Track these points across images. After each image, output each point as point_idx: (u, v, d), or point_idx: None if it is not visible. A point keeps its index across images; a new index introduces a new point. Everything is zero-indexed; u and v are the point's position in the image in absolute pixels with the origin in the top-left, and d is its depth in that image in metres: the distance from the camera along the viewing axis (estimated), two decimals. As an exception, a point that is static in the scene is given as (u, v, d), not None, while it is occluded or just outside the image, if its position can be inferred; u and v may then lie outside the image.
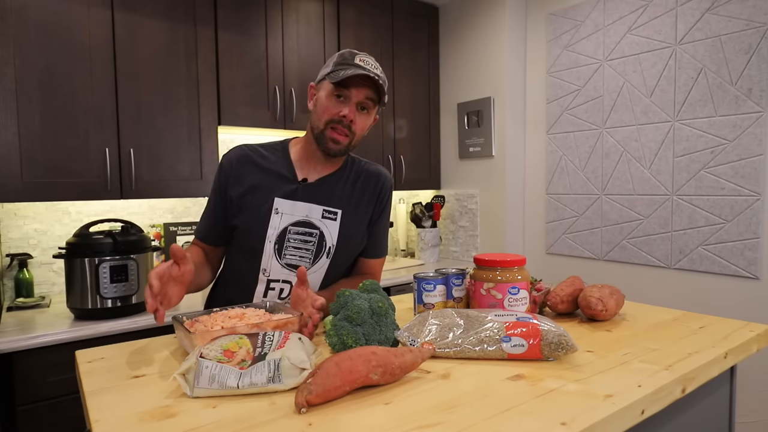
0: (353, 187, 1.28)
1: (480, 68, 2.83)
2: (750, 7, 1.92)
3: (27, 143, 1.82)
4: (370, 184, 1.30)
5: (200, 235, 1.28)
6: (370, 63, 1.18)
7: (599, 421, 0.67)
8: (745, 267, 1.97)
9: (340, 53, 1.20)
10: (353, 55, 1.18)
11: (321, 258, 1.24)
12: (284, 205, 1.22)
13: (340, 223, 1.25)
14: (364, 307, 0.92)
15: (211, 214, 1.27)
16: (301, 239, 1.22)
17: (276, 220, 1.21)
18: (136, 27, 2.03)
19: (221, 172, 1.25)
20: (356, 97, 1.17)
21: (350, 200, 1.27)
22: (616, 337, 1.02)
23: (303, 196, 1.23)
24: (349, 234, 1.26)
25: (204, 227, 1.28)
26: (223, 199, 1.24)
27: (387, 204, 1.34)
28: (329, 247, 1.24)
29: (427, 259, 2.97)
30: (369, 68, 1.15)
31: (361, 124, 1.21)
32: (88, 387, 0.81)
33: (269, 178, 1.24)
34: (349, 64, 1.16)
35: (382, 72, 1.21)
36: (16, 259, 2.03)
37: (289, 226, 1.21)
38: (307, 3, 2.51)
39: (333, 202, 1.25)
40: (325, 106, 1.18)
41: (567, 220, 2.60)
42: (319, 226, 1.23)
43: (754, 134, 1.93)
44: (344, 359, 0.74)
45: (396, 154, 2.90)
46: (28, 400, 1.62)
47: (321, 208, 1.24)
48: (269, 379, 0.76)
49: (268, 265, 1.22)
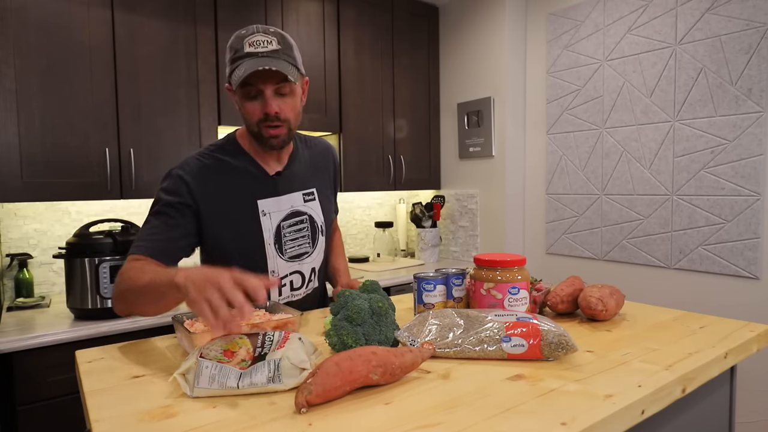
0: (313, 164, 1.33)
1: (480, 68, 2.83)
2: (750, 7, 1.92)
3: (27, 143, 1.82)
4: (323, 157, 1.37)
5: (150, 251, 1.08)
6: (262, 42, 1.07)
7: (599, 421, 0.67)
8: (745, 267, 1.97)
9: (231, 44, 1.10)
10: (241, 40, 1.08)
11: (318, 238, 1.29)
12: (268, 204, 1.20)
13: (319, 200, 1.30)
14: (364, 307, 0.92)
15: (165, 230, 1.11)
16: (295, 229, 1.24)
17: (267, 222, 1.19)
18: (136, 27, 2.03)
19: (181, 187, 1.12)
20: (267, 88, 1.09)
21: (316, 177, 1.32)
22: (616, 337, 1.02)
23: (282, 189, 1.23)
24: (328, 207, 1.34)
25: (155, 244, 1.09)
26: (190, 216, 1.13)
27: (338, 172, 1.44)
28: (320, 225, 1.29)
29: (427, 259, 2.97)
30: (260, 50, 1.06)
31: (289, 107, 1.14)
32: (88, 387, 0.81)
33: (241, 182, 1.18)
34: (240, 57, 1.07)
35: (279, 38, 1.09)
36: (16, 259, 2.03)
37: (280, 222, 1.22)
38: (307, 3, 2.51)
39: (307, 184, 1.28)
40: (246, 109, 1.13)
41: (567, 220, 2.60)
42: (305, 211, 1.26)
43: (754, 134, 1.93)
44: (344, 359, 0.74)
45: (396, 154, 2.90)
46: (28, 400, 1.62)
47: (300, 194, 1.26)
48: (269, 379, 0.76)
49: (275, 265, 1.22)
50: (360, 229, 3.14)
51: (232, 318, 0.77)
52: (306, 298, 1.32)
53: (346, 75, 2.67)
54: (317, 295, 1.39)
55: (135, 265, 1.04)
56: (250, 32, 1.09)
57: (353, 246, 3.10)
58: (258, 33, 1.08)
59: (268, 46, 1.07)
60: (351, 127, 2.70)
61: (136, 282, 0.97)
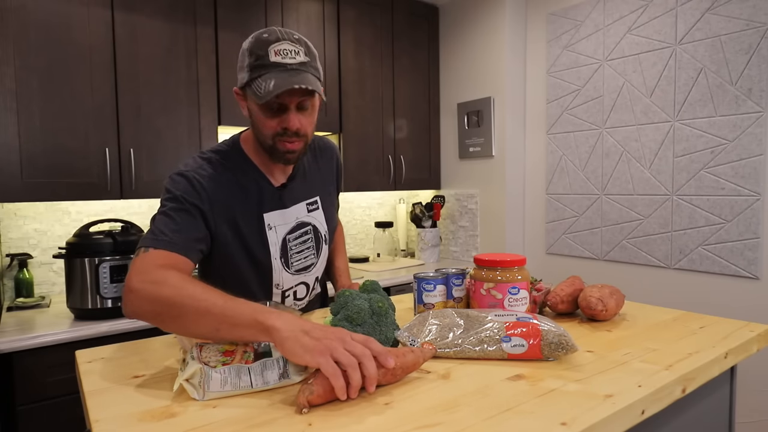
0: (317, 168, 1.28)
1: (480, 68, 2.83)
2: (750, 7, 1.92)
3: (27, 143, 1.82)
4: (325, 159, 1.31)
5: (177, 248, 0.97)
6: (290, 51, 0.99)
7: (599, 421, 0.67)
8: (745, 267, 1.97)
9: (250, 47, 1.01)
10: (266, 46, 0.99)
11: (322, 248, 1.26)
12: (274, 217, 1.16)
13: (322, 208, 1.26)
14: (364, 307, 0.92)
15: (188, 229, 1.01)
16: (300, 242, 1.21)
17: (273, 236, 1.15)
18: (136, 27, 2.02)
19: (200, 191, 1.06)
20: (292, 102, 1.03)
21: (321, 182, 1.28)
22: (616, 337, 1.02)
23: (287, 202, 1.18)
24: (331, 214, 1.30)
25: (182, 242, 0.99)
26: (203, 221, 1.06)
27: (341, 170, 1.39)
28: (324, 234, 1.26)
29: (427, 259, 2.97)
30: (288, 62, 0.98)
31: (309, 122, 1.08)
32: (88, 387, 0.81)
33: (248, 194, 1.13)
34: (265, 66, 0.99)
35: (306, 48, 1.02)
36: (16, 259, 2.03)
37: (286, 235, 1.18)
38: (307, 3, 2.50)
39: (311, 193, 1.24)
40: (263, 122, 1.05)
41: (567, 220, 2.60)
42: (309, 221, 1.22)
43: (754, 134, 1.93)
44: (344, 359, 0.74)
45: (396, 154, 2.90)
46: (28, 400, 1.62)
47: (304, 204, 1.22)
48: (280, 376, 0.78)
49: (280, 279, 1.18)
50: (360, 229, 3.14)
51: (358, 386, 0.71)
52: (308, 306, 1.31)
53: (346, 75, 2.67)
54: (318, 300, 1.39)
55: (181, 276, 0.89)
56: (274, 38, 1.00)
57: (353, 246, 3.10)
58: (284, 41, 1.00)
59: (296, 57, 1.00)
60: (351, 127, 2.70)
61: (194, 298, 0.83)
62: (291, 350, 0.74)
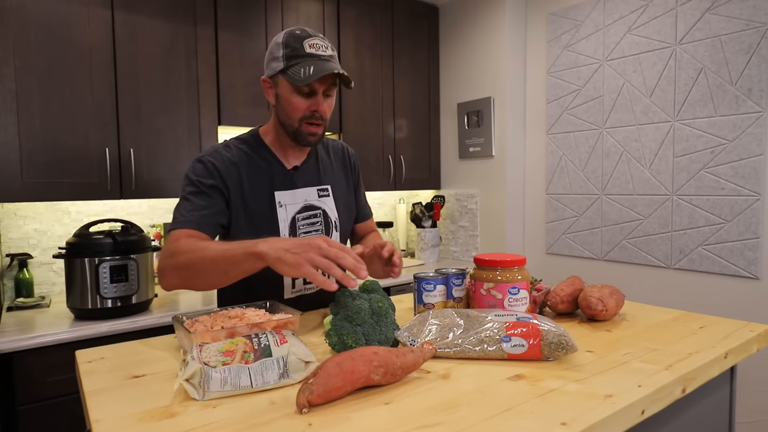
0: (329, 162, 1.37)
1: (480, 68, 2.83)
2: (750, 7, 1.92)
3: (27, 143, 1.82)
4: (339, 156, 1.40)
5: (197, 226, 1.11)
6: (321, 46, 1.14)
7: (599, 421, 0.67)
8: (745, 267, 1.97)
9: (285, 41, 1.14)
10: (300, 40, 1.12)
11: (331, 234, 1.31)
12: (285, 196, 1.24)
13: (334, 197, 1.33)
14: (364, 307, 0.92)
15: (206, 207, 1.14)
16: (308, 222, 1.27)
17: (283, 213, 1.23)
18: (136, 27, 2.02)
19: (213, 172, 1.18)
20: (320, 88, 1.15)
21: (332, 174, 1.36)
22: (616, 337, 1.02)
23: (298, 183, 1.27)
24: (343, 204, 1.36)
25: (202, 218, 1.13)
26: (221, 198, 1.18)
27: (359, 170, 1.45)
28: (333, 221, 1.32)
29: (427, 259, 2.97)
30: (321, 53, 1.13)
31: (330, 108, 1.22)
32: (88, 387, 0.81)
33: (261, 173, 1.23)
34: (302, 56, 1.12)
35: (332, 46, 1.17)
36: (16, 259, 2.03)
37: (295, 214, 1.25)
38: (307, 3, 2.50)
39: (322, 180, 1.32)
40: (294, 104, 1.16)
41: (567, 220, 2.60)
42: (319, 205, 1.29)
43: (754, 134, 1.93)
44: (346, 359, 0.74)
45: (396, 154, 2.90)
46: (28, 400, 1.62)
47: (315, 189, 1.30)
48: (280, 376, 0.78)
49: None
50: (360, 229, 3.14)
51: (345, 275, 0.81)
52: (320, 292, 1.33)
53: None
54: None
55: (191, 240, 1.06)
56: (306, 34, 1.14)
57: (353, 246, 3.10)
58: (315, 36, 1.14)
59: (326, 50, 1.14)
60: (351, 127, 2.70)
61: (201, 254, 0.99)
62: (280, 270, 0.88)
